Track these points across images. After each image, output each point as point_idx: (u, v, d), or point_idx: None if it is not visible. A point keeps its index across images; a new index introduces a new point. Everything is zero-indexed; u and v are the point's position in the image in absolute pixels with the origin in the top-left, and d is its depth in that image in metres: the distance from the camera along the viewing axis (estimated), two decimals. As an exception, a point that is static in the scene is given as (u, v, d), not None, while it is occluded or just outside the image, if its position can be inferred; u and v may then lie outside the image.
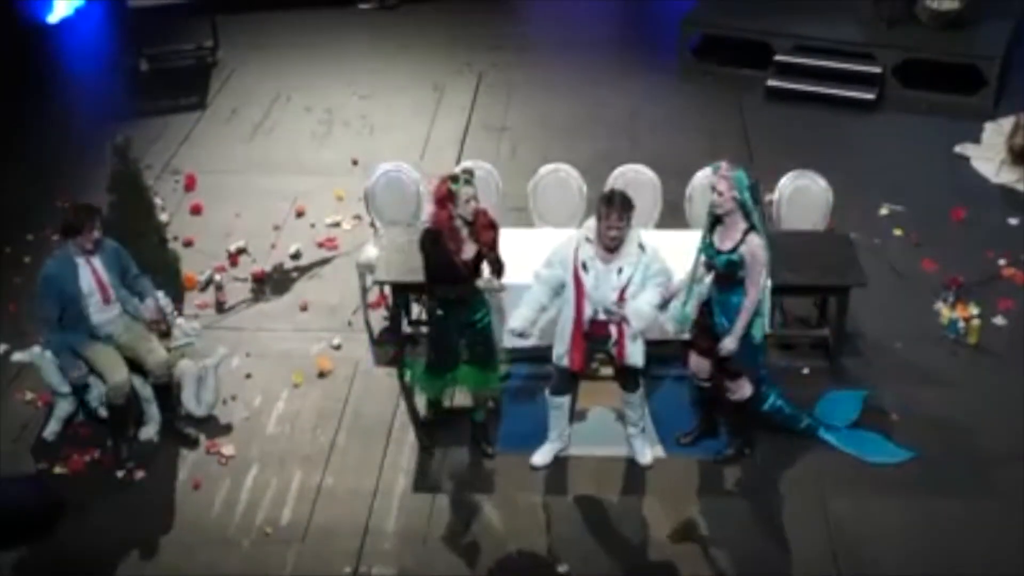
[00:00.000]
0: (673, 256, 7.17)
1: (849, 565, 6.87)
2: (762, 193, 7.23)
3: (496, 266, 7.20)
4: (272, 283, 9.31)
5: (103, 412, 7.77)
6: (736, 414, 7.52)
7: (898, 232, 9.73)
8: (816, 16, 12.33)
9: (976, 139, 10.97)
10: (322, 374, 8.36)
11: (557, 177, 8.90)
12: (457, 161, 10.33)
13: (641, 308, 6.93)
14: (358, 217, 9.82)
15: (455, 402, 7.86)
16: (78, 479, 7.52)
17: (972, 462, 7.54)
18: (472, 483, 7.47)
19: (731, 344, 7.01)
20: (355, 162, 10.78)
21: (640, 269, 6.92)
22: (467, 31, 13.40)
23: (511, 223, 8.89)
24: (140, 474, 7.54)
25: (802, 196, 8.71)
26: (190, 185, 10.48)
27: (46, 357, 7.65)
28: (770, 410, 7.58)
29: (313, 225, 9.96)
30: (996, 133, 10.93)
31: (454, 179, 6.98)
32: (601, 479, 7.47)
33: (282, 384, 8.29)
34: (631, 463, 7.55)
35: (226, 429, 7.91)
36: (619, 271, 6.92)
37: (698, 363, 7.42)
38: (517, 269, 7.85)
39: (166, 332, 7.92)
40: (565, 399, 7.43)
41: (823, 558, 6.92)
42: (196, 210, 10.14)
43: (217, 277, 9.18)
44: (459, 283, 7.10)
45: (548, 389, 7.42)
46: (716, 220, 7.01)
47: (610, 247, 6.89)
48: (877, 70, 11.82)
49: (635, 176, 8.74)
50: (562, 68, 12.57)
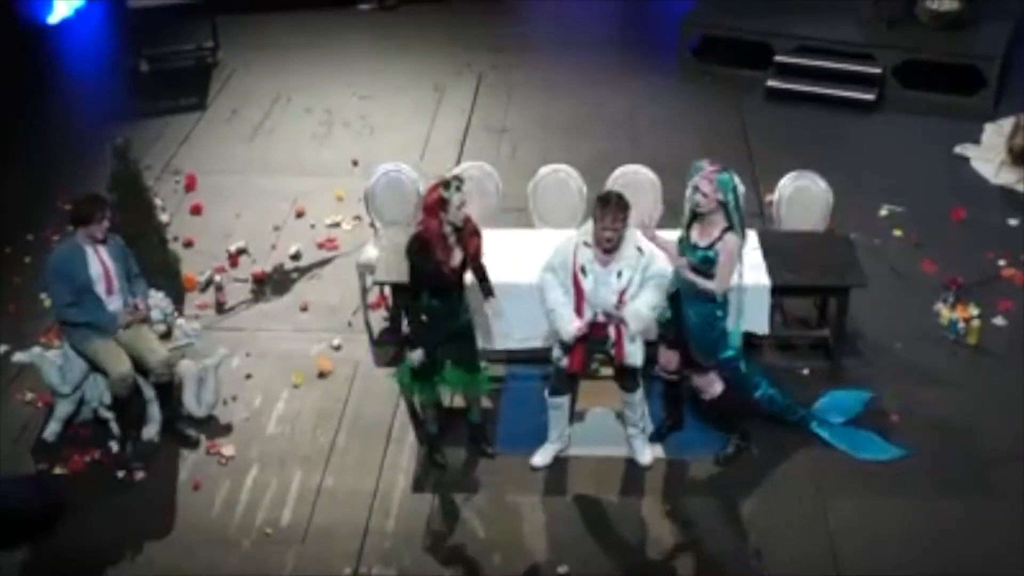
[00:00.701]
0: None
1: (849, 565, 6.87)
2: (763, 193, 7.23)
3: (480, 273, 7.23)
4: (272, 283, 9.31)
5: (103, 413, 7.78)
6: (714, 413, 7.55)
7: (898, 233, 9.73)
8: (816, 17, 12.34)
9: (976, 140, 10.97)
10: (322, 375, 8.36)
11: (557, 178, 8.90)
12: (457, 162, 10.34)
13: (639, 310, 6.94)
14: (358, 218, 9.83)
15: (453, 403, 7.85)
16: (78, 479, 7.51)
17: (972, 462, 7.54)
18: (472, 484, 7.47)
19: (684, 271, 6.95)
20: (355, 163, 10.78)
21: (639, 271, 6.92)
22: (467, 32, 13.41)
23: (511, 224, 8.92)
24: (140, 474, 7.54)
25: (802, 197, 8.71)
26: (190, 185, 10.49)
27: (46, 357, 7.65)
28: (762, 399, 7.59)
29: (313, 226, 9.97)
30: (996, 134, 10.93)
31: (446, 185, 6.92)
32: (601, 479, 7.47)
33: (282, 385, 8.29)
34: (631, 463, 7.55)
35: (226, 429, 7.91)
36: (618, 274, 6.92)
37: (667, 355, 7.44)
38: (517, 269, 7.88)
39: (167, 332, 7.93)
40: (564, 399, 7.43)
41: (823, 558, 6.92)
42: (196, 210, 10.15)
43: (217, 278, 9.19)
44: (446, 290, 7.09)
45: (547, 390, 7.42)
46: (695, 217, 7.04)
47: (607, 248, 6.89)
48: (877, 71, 11.82)
49: (635, 176, 8.74)
50: (562, 69, 12.57)
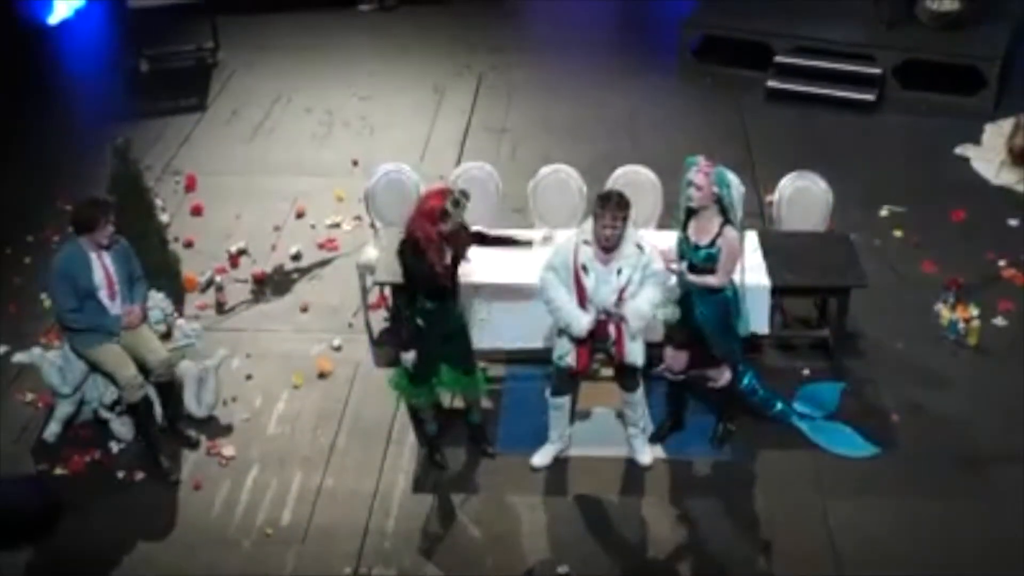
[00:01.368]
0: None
1: (850, 564, 6.87)
2: (763, 194, 7.23)
3: (503, 241, 7.47)
4: (272, 284, 9.31)
5: (103, 413, 7.77)
6: (720, 400, 7.61)
7: (898, 233, 9.73)
8: (816, 17, 12.33)
9: (976, 140, 10.97)
10: (322, 375, 8.36)
11: (557, 178, 8.89)
12: (457, 162, 10.34)
13: (640, 307, 6.94)
14: (358, 218, 9.83)
15: (453, 404, 7.85)
16: (78, 480, 7.51)
17: (972, 462, 7.54)
18: (472, 484, 7.47)
19: (693, 277, 7.01)
20: (355, 163, 10.78)
21: (639, 269, 6.92)
22: (467, 33, 13.41)
23: (511, 224, 8.92)
24: (140, 475, 7.54)
25: (802, 197, 8.71)
26: (190, 186, 10.48)
27: (47, 358, 7.65)
28: (745, 390, 7.62)
29: (313, 226, 9.97)
30: (996, 134, 10.92)
31: (455, 202, 6.89)
32: (601, 479, 7.47)
33: (282, 385, 8.29)
34: (631, 464, 7.55)
35: (226, 430, 7.91)
36: (618, 272, 6.92)
37: (674, 356, 7.45)
38: (518, 270, 7.88)
39: (167, 333, 7.93)
40: (566, 400, 7.43)
41: (823, 559, 6.92)
42: (196, 211, 10.15)
43: (217, 278, 9.19)
44: (439, 291, 7.08)
45: (549, 390, 7.42)
46: (690, 214, 7.04)
47: (606, 246, 6.88)
48: (877, 71, 11.82)
49: (635, 177, 8.75)
50: (562, 69, 12.57)
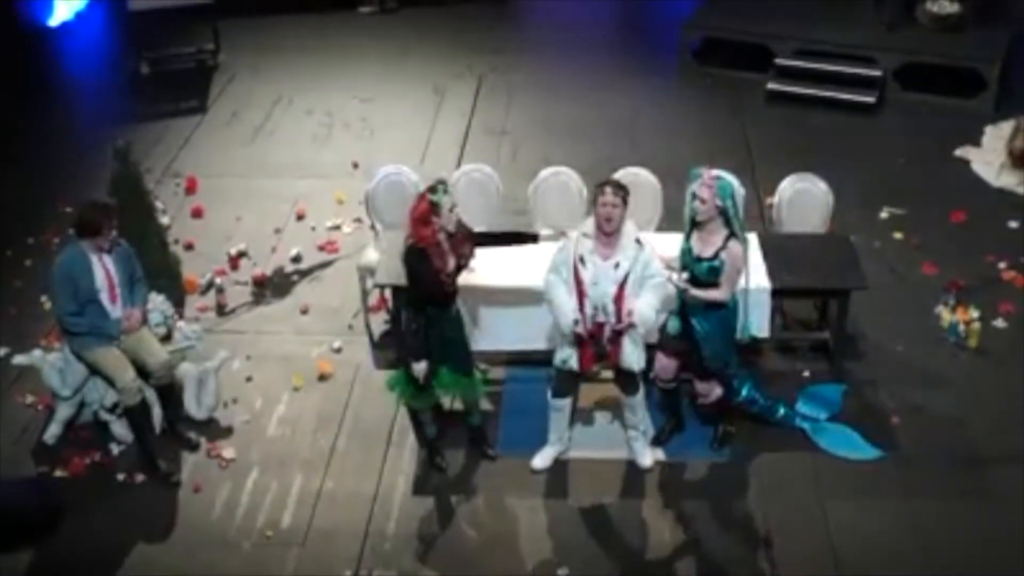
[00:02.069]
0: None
1: (849, 565, 6.87)
2: (763, 196, 7.23)
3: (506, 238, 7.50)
4: (273, 286, 9.31)
5: (103, 415, 7.77)
6: (711, 412, 7.62)
7: (898, 235, 9.73)
8: (816, 19, 12.34)
9: (976, 142, 10.97)
10: (323, 377, 8.36)
11: (558, 180, 8.89)
12: (458, 164, 10.35)
13: (643, 311, 6.92)
14: (359, 220, 9.83)
15: (453, 406, 7.84)
16: (78, 482, 7.51)
17: (972, 464, 7.54)
18: (472, 486, 7.47)
19: (690, 293, 7.00)
20: (356, 165, 10.79)
21: (639, 264, 6.90)
22: (468, 34, 13.43)
23: (512, 226, 8.91)
24: (140, 477, 7.54)
25: (802, 199, 8.70)
26: (191, 188, 10.49)
27: (47, 360, 7.65)
28: (744, 401, 7.61)
29: (314, 228, 9.97)
30: (996, 136, 10.93)
31: (432, 190, 6.89)
32: (601, 482, 7.46)
33: (283, 387, 8.29)
34: (631, 466, 7.55)
35: (226, 432, 7.91)
36: (616, 265, 6.91)
37: (665, 365, 7.44)
38: (518, 272, 7.88)
39: (167, 335, 7.93)
40: (567, 401, 7.43)
41: (823, 560, 6.91)
42: (197, 213, 10.15)
43: (218, 280, 9.19)
44: (443, 298, 7.07)
45: (550, 392, 7.41)
46: (694, 226, 7.04)
47: (607, 230, 6.85)
48: (877, 73, 11.83)
49: (635, 178, 8.73)
50: (563, 71, 12.58)
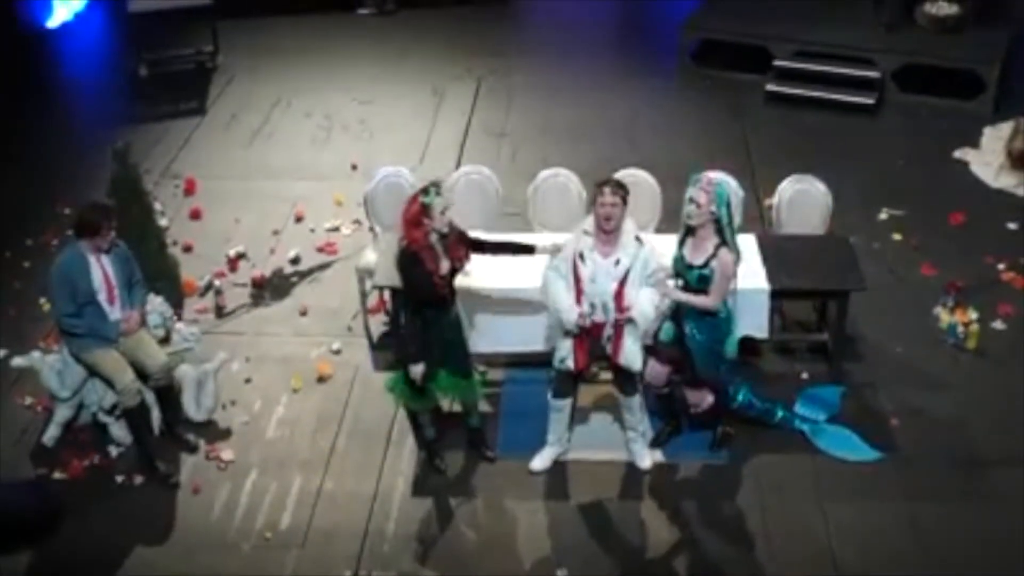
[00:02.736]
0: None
1: (848, 567, 6.87)
2: (763, 197, 7.23)
3: (504, 247, 7.39)
4: (272, 288, 9.31)
5: (102, 417, 7.77)
6: (704, 419, 7.60)
7: (897, 236, 9.73)
8: (815, 21, 12.35)
9: (975, 144, 10.97)
10: (322, 379, 8.36)
11: (557, 182, 8.89)
12: (457, 166, 10.35)
13: (643, 305, 6.92)
14: (357, 222, 9.83)
15: (452, 408, 7.84)
16: (77, 484, 7.51)
17: (971, 466, 7.54)
18: (471, 487, 7.47)
19: (674, 293, 7.03)
20: (354, 167, 10.79)
21: (639, 262, 6.90)
22: (466, 36, 13.43)
23: (511, 228, 8.92)
24: (139, 479, 7.54)
25: (802, 200, 8.71)
26: (190, 190, 10.49)
27: (46, 362, 7.65)
28: (740, 406, 7.62)
29: (312, 230, 9.97)
30: (995, 138, 10.93)
31: (424, 192, 6.88)
32: (601, 483, 7.46)
33: (282, 389, 8.29)
34: (630, 467, 7.55)
35: (225, 434, 7.91)
36: (616, 262, 6.90)
37: (657, 371, 7.43)
38: (518, 274, 7.88)
39: (166, 337, 7.92)
40: (567, 402, 7.43)
41: (822, 562, 6.91)
42: (196, 215, 10.15)
43: (217, 282, 9.19)
44: (439, 300, 7.07)
45: (550, 392, 7.41)
46: (687, 232, 7.05)
47: (606, 228, 6.86)
48: (876, 75, 11.83)
49: (634, 180, 8.73)
50: (562, 73, 12.59)
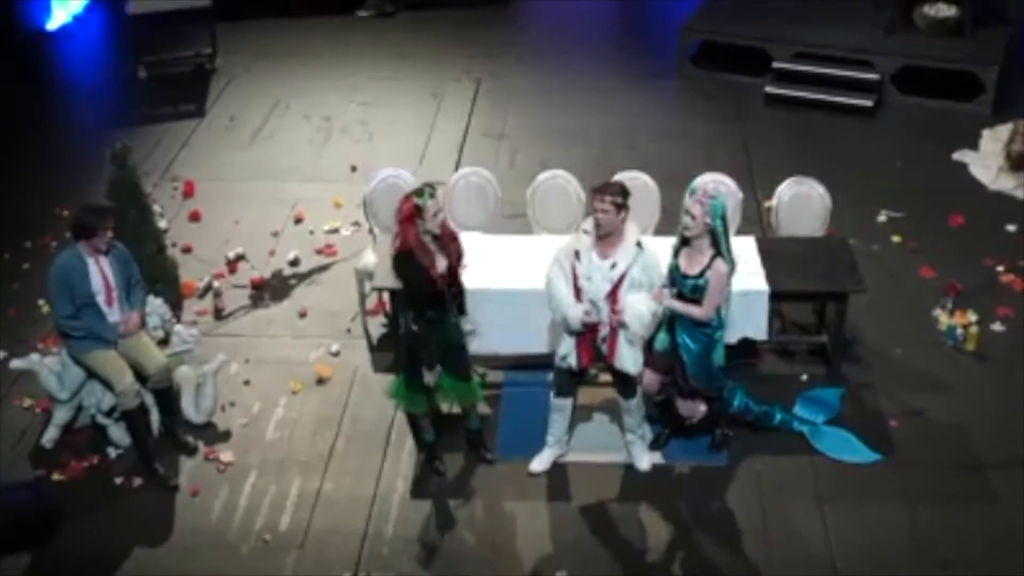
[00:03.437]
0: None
1: (847, 570, 6.86)
2: (762, 199, 7.23)
3: (456, 289, 7.18)
4: (271, 290, 9.31)
5: (101, 419, 7.76)
6: (701, 426, 7.61)
7: (896, 238, 9.74)
8: (814, 23, 12.36)
9: (974, 146, 10.98)
10: (321, 380, 8.36)
11: (555, 184, 8.90)
12: (456, 168, 10.35)
13: (636, 307, 6.92)
14: (357, 224, 9.83)
15: (452, 409, 7.83)
16: (76, 486, 7.51)
17: (971, 468, 7.54)
18: (471, 489, 7.47)
19: (667, 300, 7.01)
20: (354, 169, 10.79)
21: (637, 267, 6.89)
22: (466, 39, 13.44)
23: (510, 230, 8.93)
24: (138, 481, 7.54)
25: (800, 202, 8.71)
26: (189, 192, 10.49)
27: (44, 364, 7.65)
28: (739, 410, 7.62)
29: (312, 232, 9.97)
30: (994, 140, 10.94)
31: (418, 193, 6.88)
32: (600, 485, 7.46)
33: (281, 390, 8.28)
34: (629, 469, 7.55)
35: (224, 436, 7.91)
36: (613, 265, 6.89)
37: (650, 380, 7.43)
38: (517, 275, 7.88)
39: (165, 339, 7.92)
40: (568, 401, 7.42)
41: (820, 564, 6.91)
42: (195, 217, 10.15)
43: (216, 284, 9.19)
44: (438, 300, 7.04)
45: (552, 391, 7.41)
46: (683, 242, 7.05)
47: (599, 234, 6.86)
48: (875, 77, 11.84)
49: (633, 182, 8.71)
50: (560, 75, 12.59)
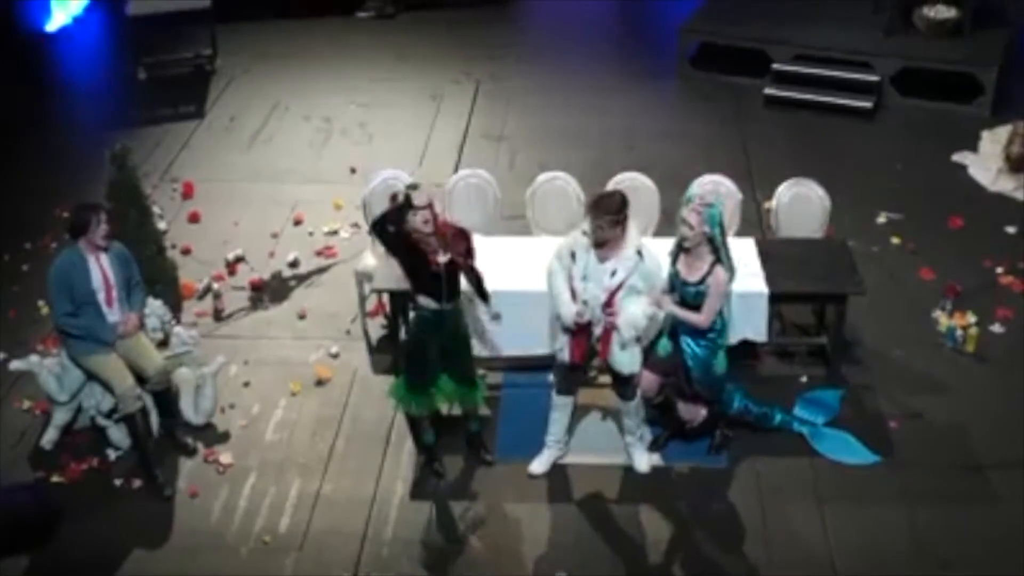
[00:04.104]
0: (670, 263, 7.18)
1: (846, 571, 6.86)
2: (761, 200, 7.24)
3: (473, 277, 7.16)
4: (270, 291, 9.30)
5: (101, 421, 7.76)
6: (701, 429, 7.61)
7: (896, 240, 9.74)
8: (814, 25, 12.37)
9: (973, 147, 10.98)
10: (320, 382, 8.36)
11: (555, 185, 8.89)
12: (455, 169, 10.35)
13: (634, 315, 6.92)
14: (356, 225, 9.83)
15: (451, 411, 7.83)
16: (76, 487, 7.51)
17: (970, 469, 7.54)
18: (470, 490, 7.47)
19: (667, 305, 7.04)
20: (353, 170, 10.79)
21: (636, 275, 6.89)
22: (465, 40, 13.44)
23: (509, 232, 8.93)
24: (137, 482, 7.53)
25: (800, 204, 8.71)
26: (188, 193, 10.49)
27: (44, 365, 7.64)
28: (739, 412, 7.63)
29: (311, 233, 9.97)
30: (993, 141, 10.93)
31: (393, 197, 6.92)
32: (599, 487, 7.46)
33: (280, 392, 8.28)
34: (629, 471, 7.55)
35: (224, 437, 7.91)
36: (612, 273, 6.89)
37: (648, 382, 7.42)
38: (516, 276, 7.88)
39: (164, 340, 7.92)
40: (570, 400, 7.42)
41: (820, 564, 6.91)
42: (194, 218, 10.15)
43: (215, 285, 9.19)
44: (436, 284, 7.00)
45: (554, 389, 7.41)
46: (681, 249, 7.06)
47: (596, 245, 6.87)
48: (875, 78, 11.84)
49: (633, 184, 8.74)
50: (560, 77, 12.59)
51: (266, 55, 13.07)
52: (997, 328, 8.72)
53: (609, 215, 6.76)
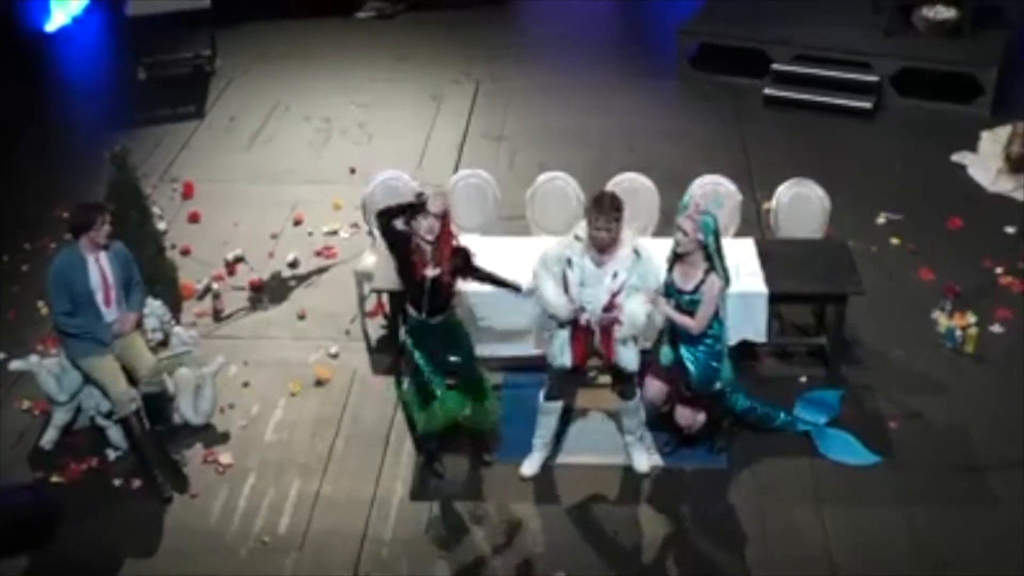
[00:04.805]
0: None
1: (846, 572, 6.87)
2: (761, 201, 7.23)
3: (488, 280, 7.17)
4: (270, 291, 9.30)
5: (100, 421, 7.75)
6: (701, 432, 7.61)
7: (895, 240, 9.74)
8: (813, 25, 12.36)
9: (973, 148, 10.97)
10: (320, 382, 8.36)
11: (555, 186, 8.90)
12: (455, 170, 10.35)
13: (636, 311, 6.92)
14: (356, 225, 9.82)
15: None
16: (75, 488, 7.51)
17: (970, 470, 7.54)
18: (470, 491, 7.47)
19: (663, 307, 7.02)
20: (353, 171, 10.79)
21: (635, 275, 6.90)
22: (465, 41, 13.43)
23: (509, 232, 8.93)
24: (137, 483, 7.53)
25: (799, 204, 8.71)
26: (188, 194, 10.49)
27: (43, 366, 7.64)
28: (742, 412, 7.63)
29: (311, 233, 9.97)
30: (993, 142, 10.93)
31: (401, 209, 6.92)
32: (598, 487, 7.46)
33: (280, 392, 8.28)
34: (628, 471, 7.55)
35: (223, 437, 7.91)
36: (613, 275, 6.90)
37: (656, 389, 7.43)
38: (516, 277, 7.86)
39: (164, 340, 7.92)
40: (558, 405, 7.42)
41: (819, 565, 6.92)
42: (194, 219, 10.15)
43: (215, 286, 9.19)
44: (419, 301, 6.99)
45: (542, 394, 7.41)
46: (676, 257, 7.06)
47: (600, 247, 6.88)
48: (874, 79, 11.84)
49: (632, 184, 8.75)
50: (560, 77, 12.59)
51: (266, 55, 13.07)
52: (997, 328, 8.72)
53: (615, 212, 6.80)
